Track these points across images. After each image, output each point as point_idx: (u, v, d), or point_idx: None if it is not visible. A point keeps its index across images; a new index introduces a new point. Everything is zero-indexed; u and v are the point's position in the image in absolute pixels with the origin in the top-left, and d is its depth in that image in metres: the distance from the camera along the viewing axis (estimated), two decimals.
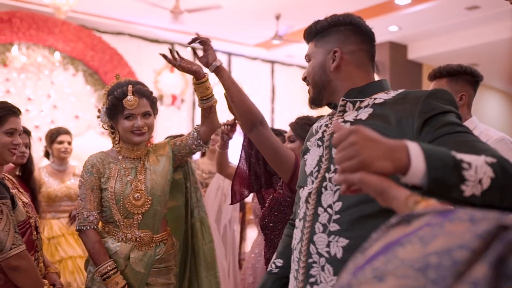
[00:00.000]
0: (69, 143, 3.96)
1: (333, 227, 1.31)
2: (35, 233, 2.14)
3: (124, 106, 2.24)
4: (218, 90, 2.50)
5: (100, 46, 7.80)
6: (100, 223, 2.33)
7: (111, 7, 7.31)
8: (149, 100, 2.32)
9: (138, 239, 2.25)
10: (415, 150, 0.93)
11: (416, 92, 1.30)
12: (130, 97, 2.25)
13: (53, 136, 3.91)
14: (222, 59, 9.33)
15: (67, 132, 3.98)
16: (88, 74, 7.93)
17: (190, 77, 8.99)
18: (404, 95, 1.32)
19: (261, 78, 10.00)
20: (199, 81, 2.29)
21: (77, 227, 2.25)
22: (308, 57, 1.55)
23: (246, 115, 1.99)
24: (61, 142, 3.91)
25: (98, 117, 2.38)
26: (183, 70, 2.26)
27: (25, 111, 7.21)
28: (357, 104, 1.40)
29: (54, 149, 3.92)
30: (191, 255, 2.54)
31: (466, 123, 2.60)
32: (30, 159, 3.17)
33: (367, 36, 1.48)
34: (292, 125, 2.47)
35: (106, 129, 2.39)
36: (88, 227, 2.22)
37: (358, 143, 0.90)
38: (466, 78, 2.60)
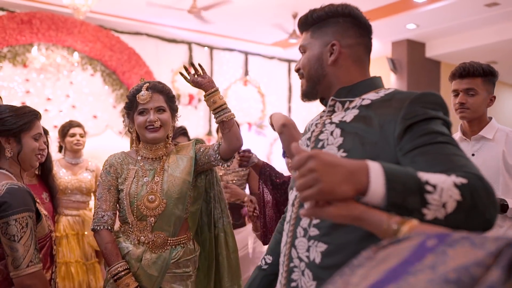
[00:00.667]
0: (81, 136, 3.98)
1: (313, 231, 1.26)
2: (54, 247, 2.09)
3: (137, 101, 2.23)
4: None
5: (118, 46, 7.86)
6: (118, 223, 2.31)
7: (129, 7, 7.36)
8: (164, 95, 2.28)
9: (151, 242, 2.19)
10: (375, 171, 0.90)
11: (402, 94, 1.23)
12: (143, 92, 2.23)
13: (65, 129, 3.95)
14: (238, 58, 9.39)
15: (78, 125, 4.02)
16: (106, 74, 7.99)
17: None
18: (390, 97, 1.25)
19: (278, 77, 9.99)
20: (206, 94, 2.24)
21: (92, 227, 2.23)
22: (303, 48, 1.45)
23: None
24: (73, 135, 3.94)
25: (124, 121, 2.36)
26: (195, 86, 2.24)
27: (44, 111, 7.29)
28: (346, 105, 1.33)
29: (67, 142, 3.95)
30: (215, 266, 2.44)
31: (486, 128, 2.55)
32: (48, 158, 3.19)
33: (365, 29, 1.39)
34: None
35: (131, 132, 2.35)
36: (102, 227, 2.20)
37: (316, 169, 0.86)
38: (494, 79, 2.57)
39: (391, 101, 1.23)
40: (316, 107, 10.43)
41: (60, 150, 4.09)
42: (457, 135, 2.66)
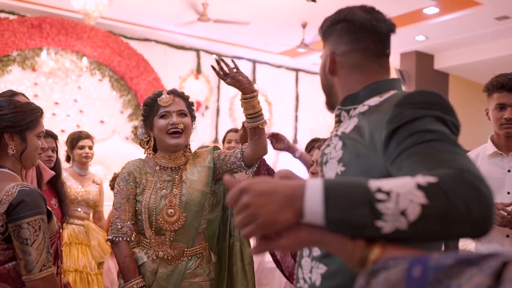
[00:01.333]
0: (90, 148, 3.93)
1: (316, 251, 1.19)
2: (60, 244, 2.06)
3: (159, 104, 2.15)
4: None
5: (127, 52, 7.90)
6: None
7: (138, 13, 7.39)
8: (185, 101, 2.23)
9: (169, 257, 2.12)
10: (313, 190, 0.80)
11: (393, 97, 1.11)
12: (164, 95, 2.16)
13: (74, 141, 3.88)
14: (246, 66, 9.39)
15: (88, 136, 3.96)
16: (114, 79, 8.02)
17: (215, 84, 8.98)
18: (384, 101, 1.14)
19: (285, 86, 9.99)
20: (245, 96, 2.14)
21: (110, 237, 2.14)
22: (321, 58, 1.41)
23: None
24: (82, 147, 3.88)
25: (135, 134, 2.27)
26: (230, 84, 2.14)
27: (51, 115, 7.33)
28: (351, 113, 1.24)
29: (76, 154, 3.89)
30: (227, 276, 2.33)
31: None
32: (57, 163, 3.17)
33: (364, 32, 1.25)
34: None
35: (146, 140, 2.25)
36: (121, 239, 2.10)
37: (251, 203, 0.80)
38: None
39: (382, 105, 1.11)
40: (322, 117, 10.41)
41: (68, 160, 4.03)
42: (487, 148, 2.54)
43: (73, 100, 7.67)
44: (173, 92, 2.21)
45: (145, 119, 2.21)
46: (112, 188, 4.76)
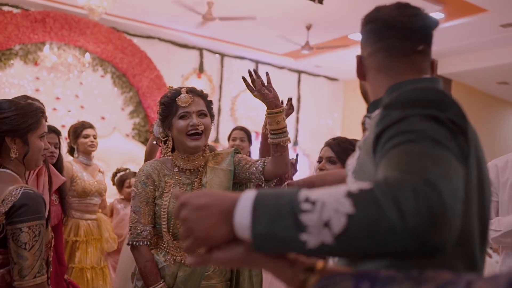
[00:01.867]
0: (95, 137, 3.90)
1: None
2: (51, 253, 2.02)
3: (177, 104, 2.07)
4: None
5: (130, 49, 7.88)
6: None
7: (142, 10, 7.37)
8: (204, 100, 2.14)
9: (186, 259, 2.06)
10: (245, 201, 0.75)
11: (392, 97, 0.98)
12: (183, 95, 2.07)
13: (78, 130, 3.85)
14: (249, 66, 9.37)
15: (91, 126, 3.93)
16: (117, 76, 8.01)
17: (217, 84, 8.98)
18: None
19: (287, 87, 9.97)
20: (269, 111, 2.07)
21: (130, 242, 2.08)
22: None
23: None
24: (87, 136, 3.84)
25: (151, 132, 2.19)
26: (256, 97, 2.08)
27: (52, 110, 7.32)
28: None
29: (80, 144, 3.85)
30: (234, 286, 2.24)
31: None
32: (59, 159, 3.15)
33: (387, 29, 1.14)
34: (334, 146, 2.32)
35: (160, 146, 2.19)
36: (141, 243, 2.05)
37: (188, 218, 0.78)
38: None
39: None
40: (324, 119, 10.39)
41: (71, 153, 3.98)
42: None
43: (74, 95, 7.66)
44: (192, 91, 2.13)
45: (163, 119, 2.13)
46: (114, 184, 4.80)
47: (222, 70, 9.22)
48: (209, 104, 2.17)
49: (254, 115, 9.32)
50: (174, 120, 2.08)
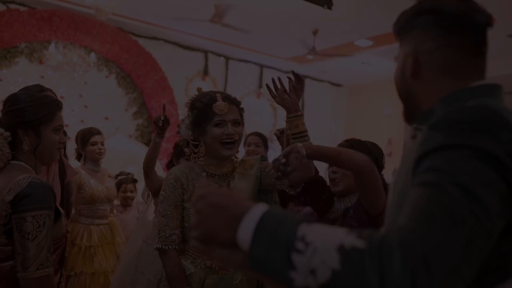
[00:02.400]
0: (102, 144, 3.86)
1: None
2: (67, 248, 1.96)
3: (214, 112, 2.05)
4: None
5: (135, 50, 7.87)
6: None
7: (148, 12, 7.36)
8: (238, 108, 2.14)
9: (217, 266, 2.06)
10: (252, 216, 0.75)
11: (439, 117, 0.88)
12: (220, 102, 2.06)
13: (86, 137, 3.81)
14: (254, 70, 9.36)
15: (98, 132, 3.89)
16: (121, 76, 7.99)
17: (221, 86, 8.94)
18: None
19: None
20: (288, 115, 2.09)
21: (158, 246, 2.07)
22: (396, 60, 1.14)
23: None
24: (94, 144, 3.80)
25: (178, 132, 2.19)
26: (279, 103, 2.09)
27: None
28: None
29: (88, 151, 3.81)
30: None
31: None
32: (60, 157, 3.12)
33: (457, 23, 0.99)
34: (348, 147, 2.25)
35: (186, 147, 2.17)
36: (170, 247, 2.04)
37: (202, 212, 0.81)
38: None
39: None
40: (327, 125, 10.36)
41: (79, 159, 3.94)
42: None
43: (78, 95, 7.63)
44: (228, 98, 2.11)
45: (197, 125, 2.10)
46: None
47: (227, 73, 9.21)
48: (241, 112, 2.16)
49: (257, 119, 9.30)
50: (209, 127, 2.06)
